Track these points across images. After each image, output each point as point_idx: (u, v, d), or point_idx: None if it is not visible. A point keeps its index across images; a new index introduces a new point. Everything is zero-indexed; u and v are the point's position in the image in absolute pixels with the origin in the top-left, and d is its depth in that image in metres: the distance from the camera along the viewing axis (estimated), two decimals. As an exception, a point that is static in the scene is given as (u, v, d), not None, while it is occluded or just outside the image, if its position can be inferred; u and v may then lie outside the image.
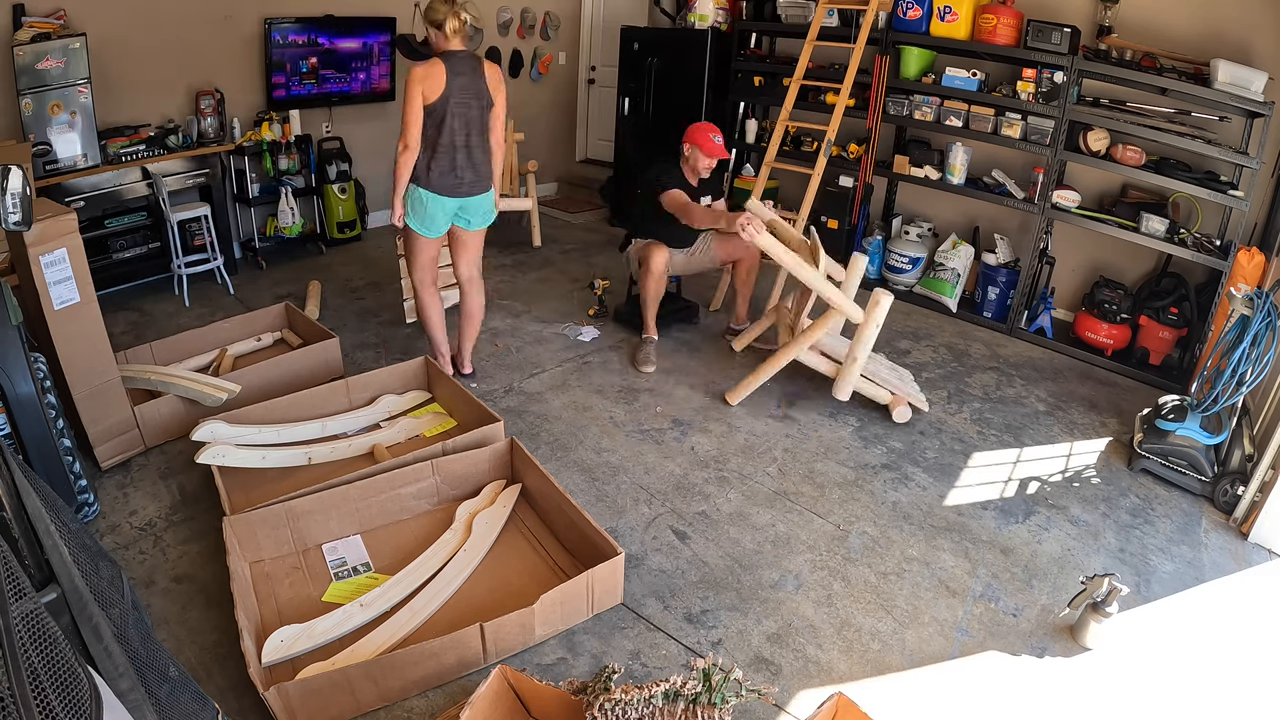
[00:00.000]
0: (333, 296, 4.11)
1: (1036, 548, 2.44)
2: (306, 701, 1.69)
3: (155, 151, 3.90)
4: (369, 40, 4.76)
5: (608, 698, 1.56)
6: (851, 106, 4.27)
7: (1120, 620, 2.07)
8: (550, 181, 6.44)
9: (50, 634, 0.92)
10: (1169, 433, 2.78)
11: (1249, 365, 2.61)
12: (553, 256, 4.95)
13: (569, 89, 6.37)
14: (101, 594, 1.21)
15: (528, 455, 2.48)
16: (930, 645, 2.05)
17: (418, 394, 3.08)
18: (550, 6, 5.94)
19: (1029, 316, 4.08)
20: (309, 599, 2.09)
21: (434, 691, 1.84)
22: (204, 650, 1.92)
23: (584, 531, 2.18)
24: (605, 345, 3.70)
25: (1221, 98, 3.28)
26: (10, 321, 2.05)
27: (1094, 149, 3.68)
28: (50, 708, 0.85)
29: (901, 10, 4.11)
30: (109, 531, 2.33)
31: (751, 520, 2.50)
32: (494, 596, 2.10)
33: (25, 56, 3.39)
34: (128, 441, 2.67)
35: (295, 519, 2.23)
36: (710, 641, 2.02)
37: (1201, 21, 3.59)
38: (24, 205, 1.78)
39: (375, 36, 4.77)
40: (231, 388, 2.81)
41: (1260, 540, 2.51)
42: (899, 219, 4.72)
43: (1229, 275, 3.31)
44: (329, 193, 4.74)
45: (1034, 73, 3.76)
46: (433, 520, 2.42)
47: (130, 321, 3.78)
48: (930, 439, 3.04)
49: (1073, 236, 4.13)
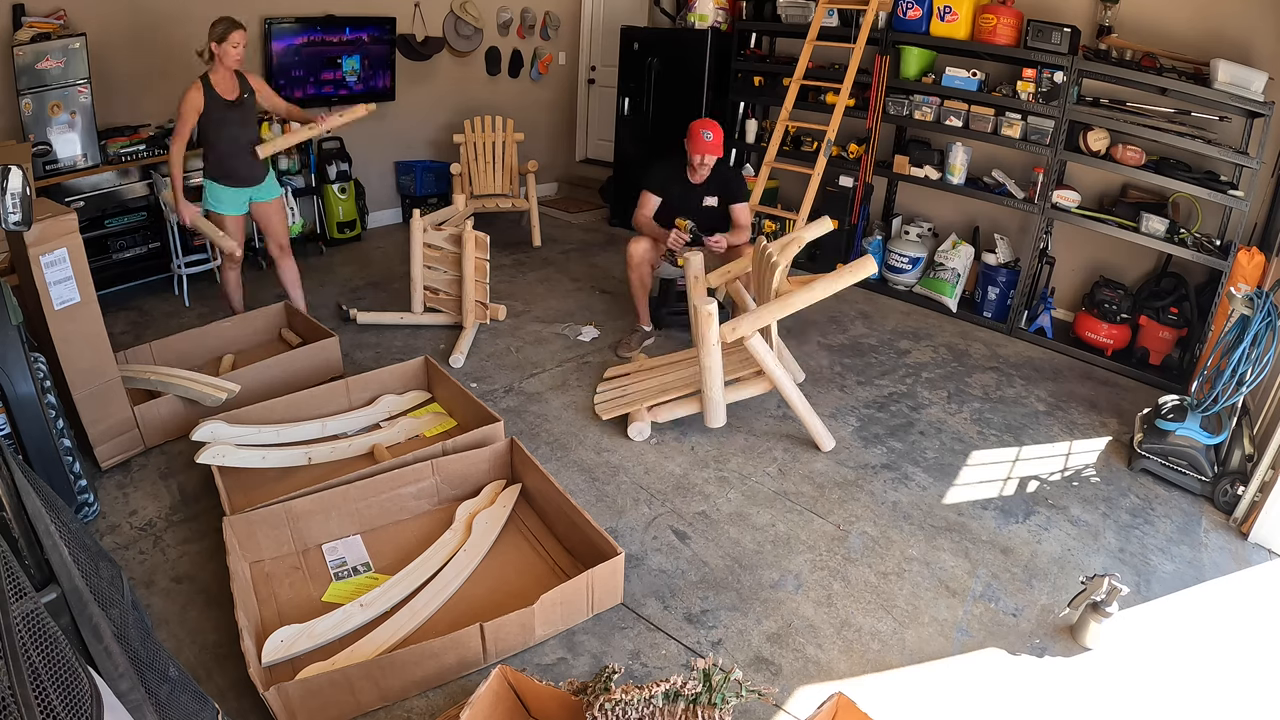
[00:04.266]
0: (333, 296, 4.11)
1: (1036, 548, 2.44)
2: (306, 701, 1.69)
3: (155, 151, 3.89)
4: (369, 40, 4.76)
5: (608, 698, 1.56)
6: (851, 106, 4.27)
7: (1120, 620, 2.07)
8: (550, 181, 6.44)
9: (50, 634, 0.92)
10: (1169, 433, 2.78)
11: (1249, 365, 2.61)
12: (553, 256, 4.95)
13: (569, 89, 6.37)
14: (101, 594, 1.21)
15: (528, 455, 2.48)
16: (930, 645, 2.05)
17: (418, 394, 3.08)
18: (550, 6, 5.94)
19: (1029, 316, 4.08)
20: (309, 599, 2.09)
21: (434, 691, 1.84)
22: (204, 650, 1.91)
23: (584, 531, 2.18)
24: (605, 345, 3.70)
25: (1221, 98, 3.28)
26: (10, 321, 2.05)
27: (1094, 149, 3.68)
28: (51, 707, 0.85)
29: (901, 10, 4.11)
30: (109, 531, 2.33)
31: (751, 520, 2.50)
32: (494, 596, 2.10)
33: (25, 56, 3.39)
34: (128, 441, 2.67)
35: (295, 519, 2.23)
36: (710, 641, 2.02)
37: (1201, 21, 3.59)
38: (24, 205, 1.78)
39: (376, 36, 4.77)
40: (231, 387, 2.81)
41: (1260, 540, 2.51)
42: (899, 219, 4.72)
43: (1229, 275, 3.31)
44: (329, 193, 4.74)
45: (1034, 73, 3.76)
46: (433, 520, 2.42)
47: (130, 321, 3.78)
48: (930, 439, 3.04)
49: (1073, 236, 4.12)
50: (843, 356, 3.71)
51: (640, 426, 2.89)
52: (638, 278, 3.65)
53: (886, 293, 4.56)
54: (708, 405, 2.85)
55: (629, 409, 2.97)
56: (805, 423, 2.88)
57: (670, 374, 3.19)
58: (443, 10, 5.27)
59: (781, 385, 2.79)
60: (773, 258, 2.80)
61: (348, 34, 4.65)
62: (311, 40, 4.51)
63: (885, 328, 4.09)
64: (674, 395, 2.98)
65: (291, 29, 4.41)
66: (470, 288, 3.61)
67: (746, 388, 2.89)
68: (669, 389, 3.04)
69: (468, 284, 3.61)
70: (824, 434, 2.89)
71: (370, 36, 4.77)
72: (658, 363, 3.36)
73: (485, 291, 3.67)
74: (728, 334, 2.64)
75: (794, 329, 3.93)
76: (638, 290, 3.68)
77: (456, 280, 3.67)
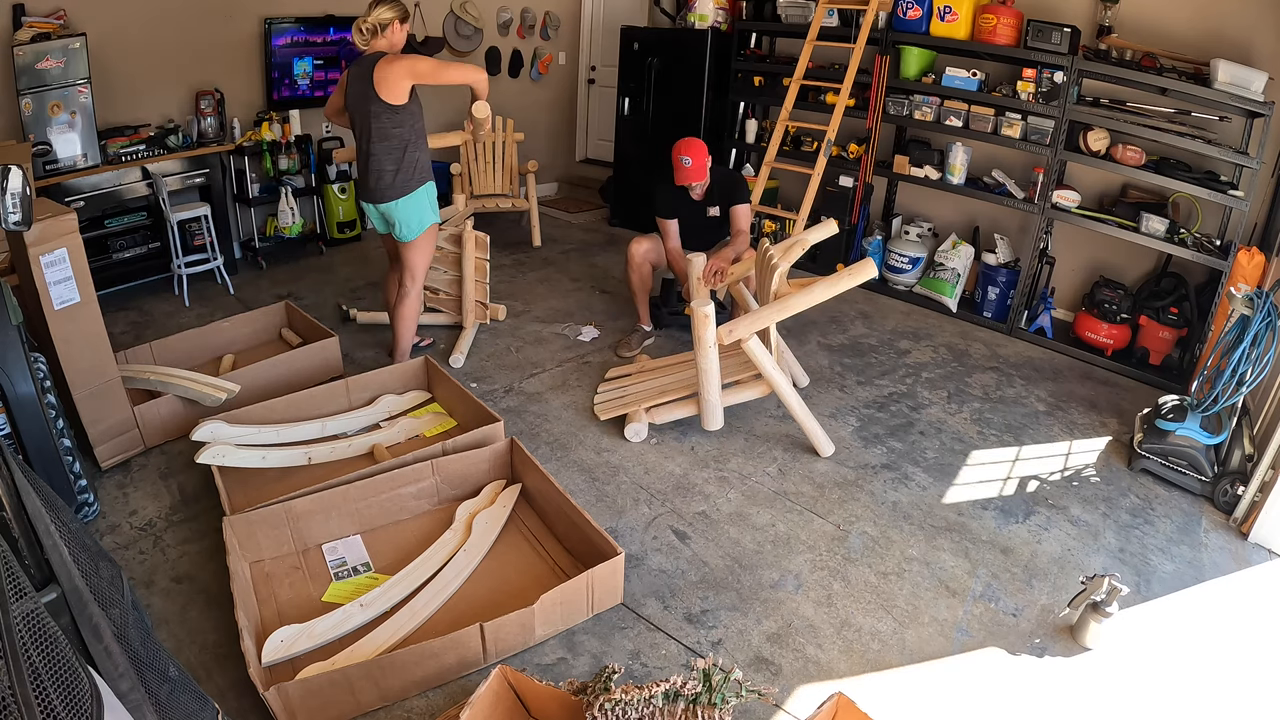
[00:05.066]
0: (333, 297, 4.11)
1: (1036, 548, 2.44)
2: (306, 701, 1.69)
3: (155, 151, 3.89)
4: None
5: (608, 698, 1.56)
6: (851, 106, 4.27)
7: (1120, 620, 2.07)
8: (550, 181, 6.44)
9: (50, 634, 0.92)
10: (1169, 433, 2.78)
11: (1249, 365, 2.61)
12: (553, 256, 4.95)
13: (569, 89, 6.37)
14: (101, 594, 1.21)
15: (528, 455, 2.48)
16: (930, 645, 2.05)
17: (418, 394, 3.08)
18: (550, 6, 5.94)
19: (1029, 316, 4.08)
20: (309, 599, 2.09)
21: (434, 691, 1.84)
22: (204, 650, 1.92)
23: (584, 531, 2.18)
24: (605, 345, 3.70)
25: (1221, 98, 3.27)
26: (10, 321, 2.05)
27: (1094, 149, 3.68)
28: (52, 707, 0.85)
29: (901, 10, 4.11)
30: (109, 531, 2.33)
31: (751, 520, 2.50)
32: (494, 596, 2.10)
33: (25, 56, 3.39)
34: (128, 441, 2.67)
35: (295, 519, 2.23)
36: (710, 641, 2.02)
37: (1201, 21, 3.59)
38: (24, 205, 1.78)
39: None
40: (231, 387, 2.81)
41: (1260, 540, 2.51)
42: (899, 219, 4.72)
43: (1229, 275, 3.31)
44: (329, 193, 4.74)
45: (1034, 73, 3.76)
46: (433, 520, 2.42)
47: (130, 321, 3.78)
48: (930, 439, 3.04)
49: (1073, 236, 4.12)
50: (843, 356, 3.71)
51: (637, 428, 2.89)
52: (638, 277, 3.66)
53: (886, 293, 4.56)
54: (705, 408, 2.85)
55: (627, 410, 2.97)
56: (804, 427, 2.86)
57: (670, 375, 3.19)
58: (443, 10, 5.27)
59: (780, 389, 2.79)
60: (774, 260, 2.80)
61: (348, 34, 4.65)
62: (311, 40, 4.50)
63: (885, 328, 4.09)
64: (672, 397, 2.98)
65: (291, 29, 4.41)
66: (470, 288, 3.61)
67: (745, 391, 2.89)
68: (668, 390, 3.03)
69: (468, 284, 3.61)
70: (823, 439, 2.87)
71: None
72: (659, 364, 3.36)
73: (485, 291, 3.67)
74: (725, 336, 2.63)
75: (794, 329, 3.93)
76: (638, 290, 3.69)
77: (456, 280, 3.67)
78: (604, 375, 3.37)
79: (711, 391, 2.79)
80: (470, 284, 3.61)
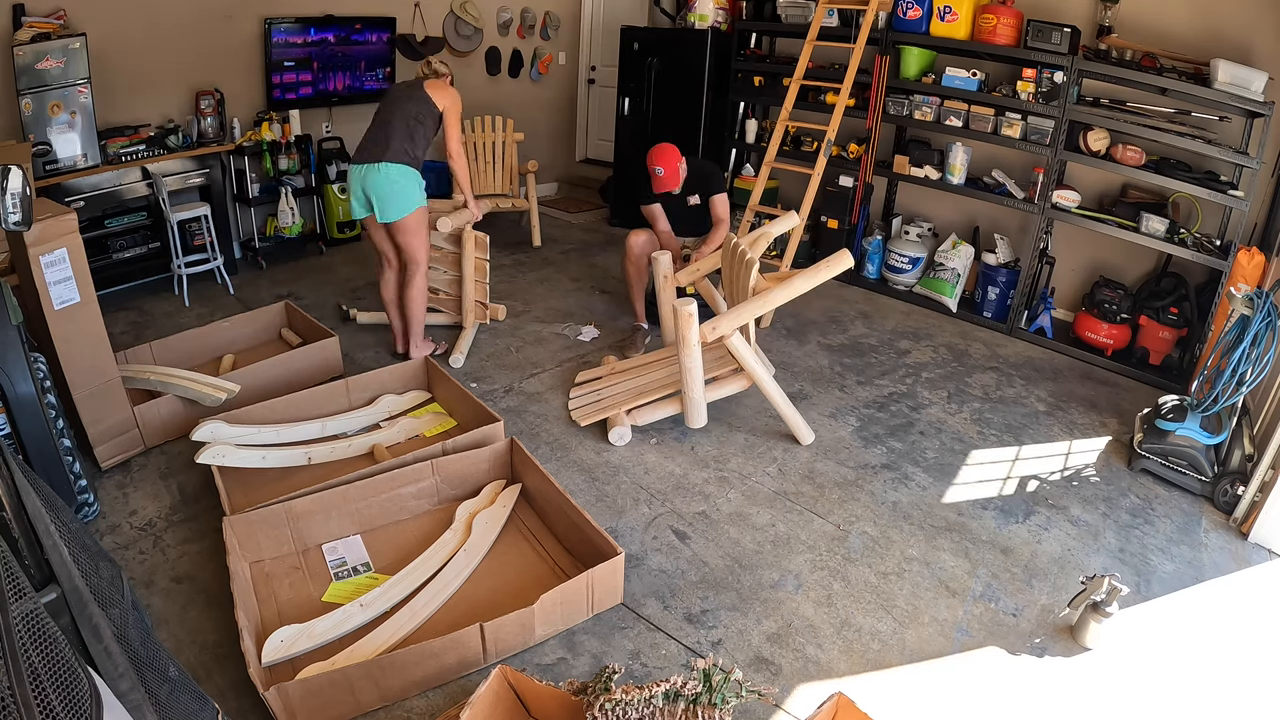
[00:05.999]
0: (333, 296, 4.11)
1: (1036, 548, 2.44)
2: (306, 701, 1.69)
3: (155, 151, 3.89)
4: (369, 40, 4.75)
5: (608, 698, 1.56)
6: (851, 106, 4.27)
7: (1120, 620, 2.07)
8: (550, 181, 6.44)
9: (50, 634, 0.92)
10: (1169, 433, 2.78)
11: (1249, 365, 2.61)
12: (553, 256, 4.95)
13: (569, 89, 6.37)
14: (101, 594, 1.21)
15: (528, 455, 2.48)
16: (930, 645, 2.05)
17: (418, 394, 3.08)
18: (550, 6, 5.94)
19: (1029, 316, 4.08)
20: (309, 599, 2.09)
21: (434, 691, 1.84)
22: (204, 650, 1.92)
23: (584, 531, 2.18)
24: (605, 345, 3.70)
25: (1221, 98, 3.27)
26: (10, 321, 2.05)
27: (1094, 149, 3.68)
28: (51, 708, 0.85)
29: (901, 10, 4.11)
30: (109, 531, 2.33)
31: (751, 520, 2.50)
32: (494, 596, 2.10)
33: (25, 56, 3.39)
34: (128, 441, 2.67)
35: (295, 519, 2.23)
36: (710, 641, 2.02)
37: (1201, 21, 3.59)
38: (24, 205, 1.78)
39: (375, 36, 4.77)
40: (231, 387, 2.81)
41: (1260, 540, 2.51)
42: (899, 219, 4.72)
43: (1229, 275, 3.31)
44: (329, 193, 4.73)
45: (1034, 73, 3.76)
46: (433, 520, 2.42)
47: (130, 321, 3.78)
48: (930, 439, 3.04)
49: (1073, 236, 4.12)
50: (843, 356, 3.71)
51: (621, 431, 2.88)
52: (635, 270, 3.70)
53: (886, 293, 4.55)
54: (689, 405, 2.85)
55: (606, 414, 2.96)
56: (785, 417, 2.89)
57: (645, 376, 3.18)
58: (442, 10, 5.27)
59: (761, 382, 2.80)
60: (745, 254, 2.80)
61: (348, 33, 4.65)
62: (311, 40, 4.50)
63: (885, 328, 4.09)
64: (652, 397, 2.97)
65: (291, 29, 4.41)
66: (470, 288, 3.61)
67: (725, 386, 2.90)
68: (646, 391, 3.03)
69: (467, 284, 3.60)
70: (803, 427, 2.90)
71: (370, 37, 4.76)
72: (629, 365, 3.36)
73: (485, 291, 3.67)
74: (708, 334, 2.63)
75: (794, 330, 3.93)
76: (634, 282, 3.73)
77: (456, 280, 3.67)
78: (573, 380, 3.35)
79: (695, 389, 2.80)
80: (470, 284, 3.61)
